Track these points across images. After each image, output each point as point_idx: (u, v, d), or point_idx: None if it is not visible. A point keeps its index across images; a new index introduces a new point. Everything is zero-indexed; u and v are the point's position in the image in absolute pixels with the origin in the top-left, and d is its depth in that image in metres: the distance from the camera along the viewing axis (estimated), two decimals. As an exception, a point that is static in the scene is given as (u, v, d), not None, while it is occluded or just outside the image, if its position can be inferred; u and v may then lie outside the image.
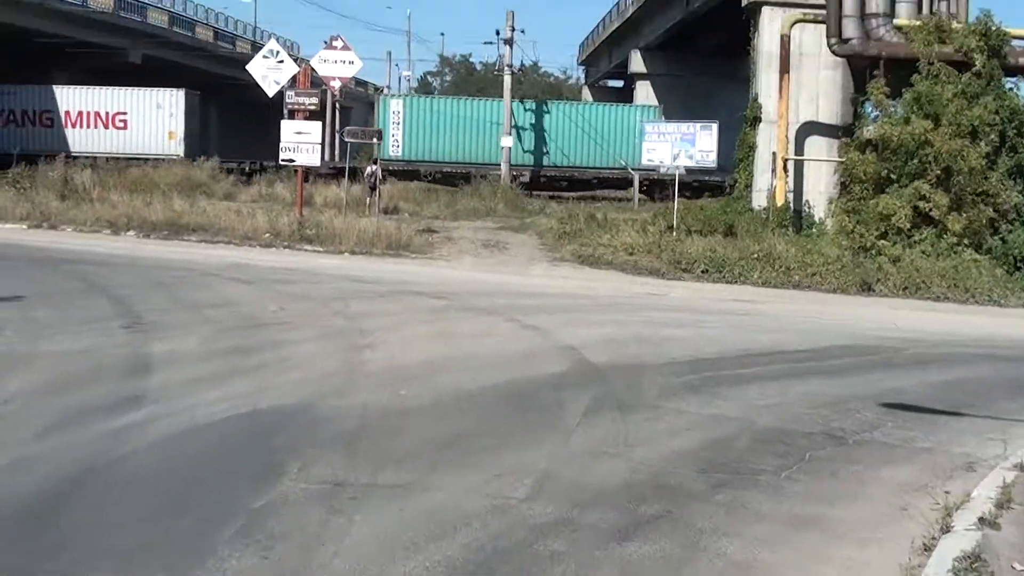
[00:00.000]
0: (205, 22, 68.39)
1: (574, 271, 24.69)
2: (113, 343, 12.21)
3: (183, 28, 64.20)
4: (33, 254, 21.83)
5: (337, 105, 59.62)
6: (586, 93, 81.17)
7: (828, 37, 30.38)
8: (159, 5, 63.12)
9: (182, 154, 47.57)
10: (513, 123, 46.19)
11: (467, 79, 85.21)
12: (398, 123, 47.74)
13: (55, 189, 31.63)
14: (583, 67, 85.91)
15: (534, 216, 35.66)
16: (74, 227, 28.21)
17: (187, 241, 26.73)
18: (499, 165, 44.95)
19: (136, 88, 50.77)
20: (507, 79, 46.80)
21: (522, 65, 50.08)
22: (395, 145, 46.77)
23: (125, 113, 50.12)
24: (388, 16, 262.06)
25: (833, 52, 30.56)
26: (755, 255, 25.13)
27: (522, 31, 48.13)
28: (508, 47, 47.09)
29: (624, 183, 47.23)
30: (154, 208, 29.24)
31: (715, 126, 29.36)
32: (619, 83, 75.31)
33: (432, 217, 34.35)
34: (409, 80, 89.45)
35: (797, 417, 10.20)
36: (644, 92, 58.64)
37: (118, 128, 49.97)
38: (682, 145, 28.84)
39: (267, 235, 26.92)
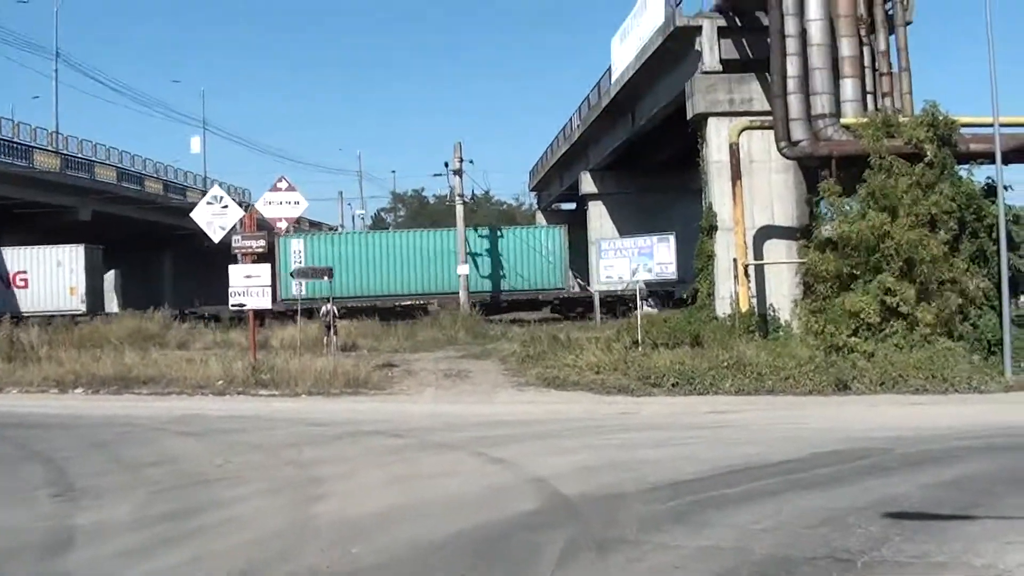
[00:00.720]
0: (155, 175, 67.98)
1: (540, 395, 23.57)
2: (36, 515, 10.91)
3: (132, 182, 63.58)
4: (-29, 422, 20.54)
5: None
6: (540, 218, 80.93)
7: (777, 141, 29.93)
8: (106, 161, 62.61)
9: (84, 309, 47.92)
10: (468, 251, 45.62)
11: (420, 212, 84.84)
12: (300, 262, 47.60)
13: (2, 351, 30.33)
14: (535, 193, 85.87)
15: (496, 342, 34.74)
16: (19, 388, 26.72)
17: (137, 394, 25.36)
18: (414, 295, 44.75)
19: (36, 247, 50.61)
20: (459, 208, 46.31)
21: (473, 195, 49.69)
22: (298, 284, 46.31)
23: (25, 272, 49.91)
24: (339, 158, 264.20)
25: (784, 155, 30.08)
26: (725, 364, 24.14)
27: (471, 161, 47.89)
28: (458, 178, 46.75)
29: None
30: (103, 363, 27.95)
31: (672, 237, 28.52)
32: (572, 205, 75.09)
33: (391, 351, 33.33)
34: (363, 218, 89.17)
35: (797, 539, 9.07)
36: (597, 212, 58.19)
37: (19, 287, 49.76)
38: (640, 259, 28.00)
39: (220, 382, 25.66)
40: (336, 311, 35.40)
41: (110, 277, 72.79)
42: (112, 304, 64.21)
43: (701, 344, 27.76)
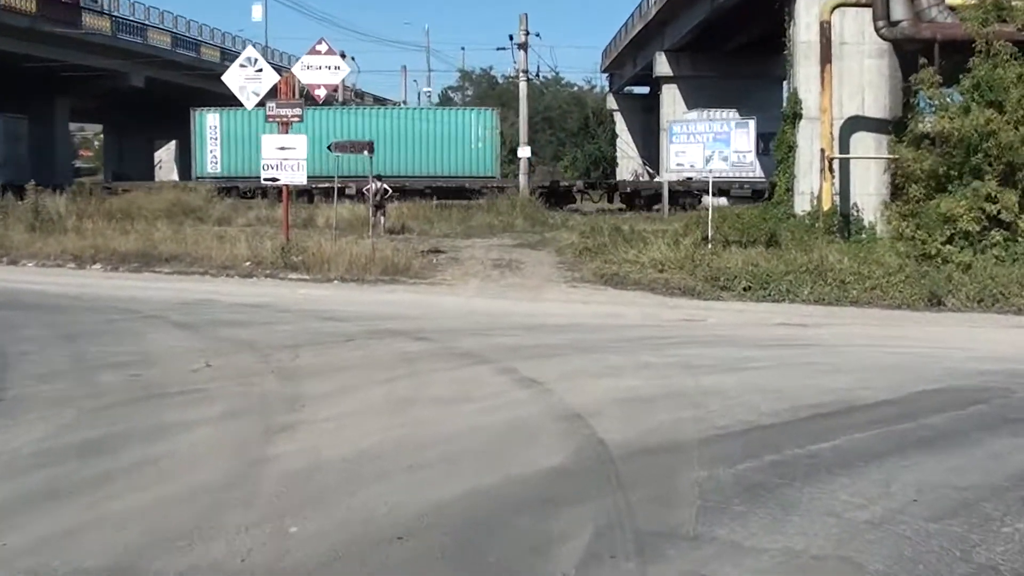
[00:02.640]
0: (211, 42, 65.23)
1: (595, 293, 20.91)
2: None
3: (187, 49, 60.94)
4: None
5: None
6: (611, 101, 77.53)
7: (875, 20, 26.70)
8: (160, 25, 59.98)
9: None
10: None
11: (488, 92, 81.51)
12: (215, 138, 44.98)
13: (26, 220, 28.16)
14: (607, 75, 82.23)
15: (556, 230, 31.98)
16: (36, 262, 24.70)
17: (158, 273, 23.14)
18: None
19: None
20: (523, 86, 43.24)
21: (538, 73, 46.38)
22: (213, 161, 44.45)
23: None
24: (406, 31, 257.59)
25: (881, 36, 26.86)
26: (803, 267, 21.32)
27: (537, 35, 44.67)
28: (523, 52, 43.41)
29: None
30: (127, 238, 25.73)
31: (752, 123, 25.44)
32: (645, 89, 71.66)
33: (443, 235, 30.82)
34: (429, 95, 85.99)
35: (922, 542, 6.30)
36: (671, 96, 54.87)
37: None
38: (715, 145, 24.92)
39: (247, 263, 23.34)
40: (387, 189, 32.86)
41: (170, 148, 71.00)
42: (172, 174, 62.40)
43: (778, 244, 24.96)
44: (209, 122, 45.35)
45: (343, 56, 62.76)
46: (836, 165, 27.69)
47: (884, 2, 26.57)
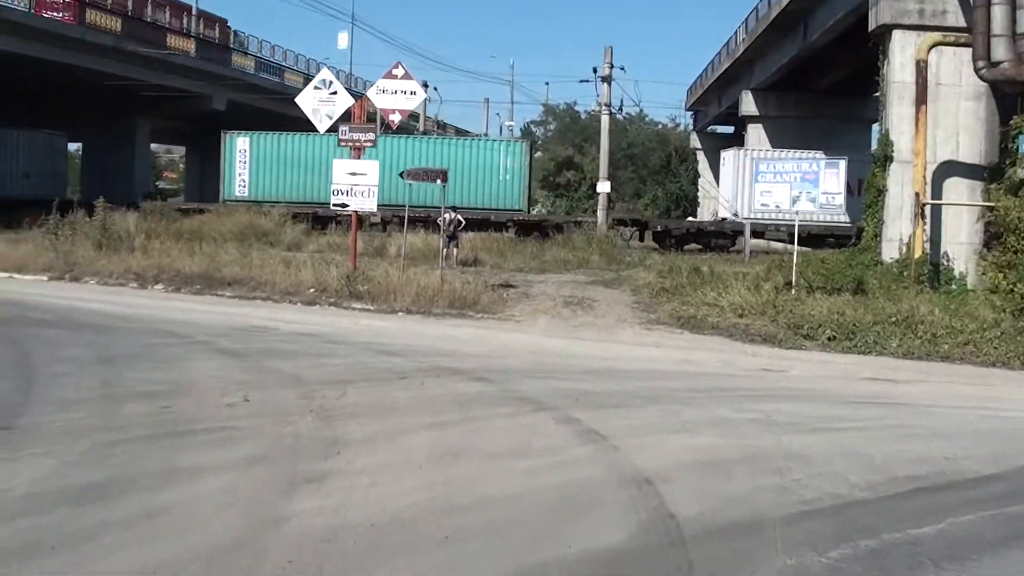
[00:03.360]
0: (295, 68, 64.97)
1: (671, 336, 19.71)
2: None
3: (270, 74, 60.75)
4: (9, 312, 17.64)
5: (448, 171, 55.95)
6: (694, 140, 76.31)
7: (975, 60, 25.39)
8: (243, 49, 59.93)
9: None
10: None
11: (571, 127, 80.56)
12: (244, 161, 43.95)
13: (94, 237, 27.59)
14: (691, 113, 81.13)
15: (632, 269, 30.82)
16: (99, 279, 24.05)
17: (219, 296, 22.33)
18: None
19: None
20: (604, 119, 42.15)
21: (621, 108, 45.26)
22: (241, 185, 43.55)
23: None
24: (491, 64, 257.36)
25: (980, 77, 25.53)
26: (892, 318, 19.97)
27: (622, 68, 43.29)
28: (606, 85, 42.32)
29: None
30: (192, 259, 25.04)
31: (842, 163, 24.07)
32: (729, 128, 70.49)
33: (515, 270, 29.78)
34: (511, 129, 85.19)
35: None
36: (756, 135, 53.65)
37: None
38: (803, 186, 23.60)
39: (311, 290, 22.45)
40: (460, 219, 31.96)
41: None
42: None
43: (864, 292, 23.61)
44: (239, 145, 44.42)
45: (425, 86, 62.76)
46: (928, 211, 26.36)
47: (985, 41, 25.27)
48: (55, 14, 47.13)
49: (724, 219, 40.70)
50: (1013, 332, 19.63)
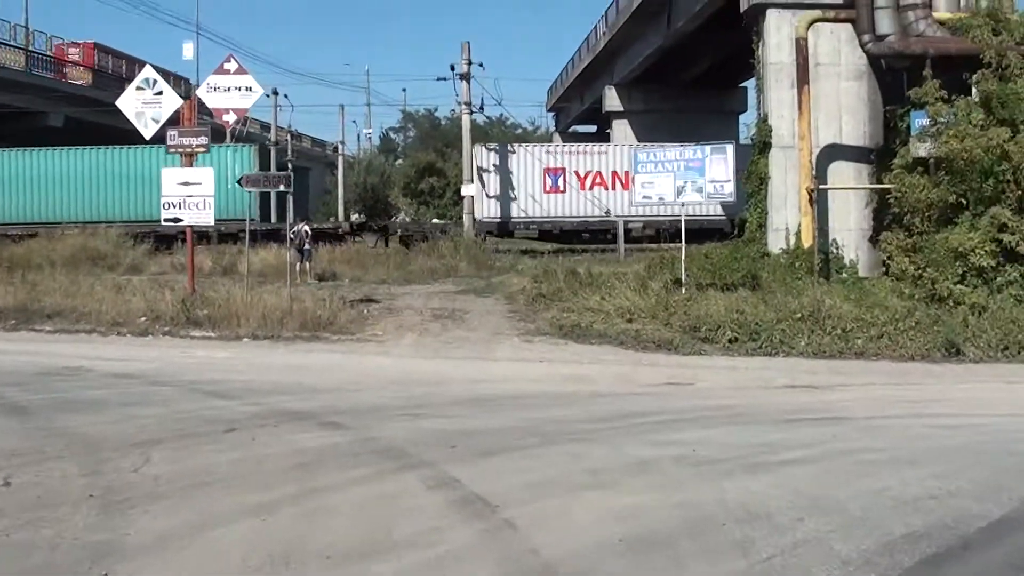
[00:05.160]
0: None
1: (555, 349, 17.13)
2: None
3: (109, 88, 56.37)
4: None
5: (290, 165, 52.59)
6: (557, 140, 74.23)
7: (860, 35, 23.70)
8: (78, 62, 55.93)
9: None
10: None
11: (431, 134, 77.90)
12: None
13: None
14: (552, 114, 79.03)
15: (503, 275, 28.22)
16: None
17: (37, 332, 19.11)
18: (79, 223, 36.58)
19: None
20: (465, 119, 39.55)
21: (482, 105, 42.62)
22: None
23: None
24: (345, 73, 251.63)
25: (867, 52, 23.87)
26: (798, 314, 17.74)
27: (480, 65, 40.49)
28: (465, 83, 39.60)
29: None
30: (5, 289, 21.74)
31: (730, 148, 21.59)
32: (592, 127, 68.51)
33: (378, 282, 26.92)
34: (370, 137, 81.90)
35: None
36: (622, 132, 51.59)
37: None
38: (688, 175, 21.16)
39: (143, 319, 19.38)
40: (309, 231, 29.10)
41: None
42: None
43: (759, 287, 21.41)
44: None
45: (275, 93, 59.49)
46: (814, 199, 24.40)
47: (869, 15, 23.49)
48: None
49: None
50: (928, 321, 17.69)
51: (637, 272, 23.48)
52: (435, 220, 51.57)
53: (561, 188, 39.89)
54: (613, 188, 39.75)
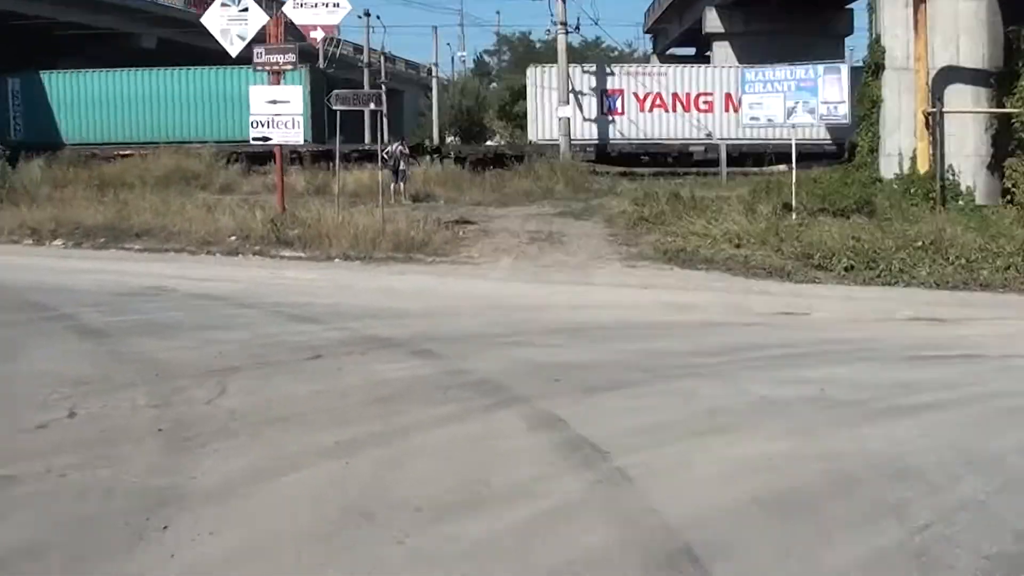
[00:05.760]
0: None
1: (658, 274, 16.14)
2: None
3: (201, 6, 55.77)
4: None
5: (383, 87, 51.45)
6: (655, 63, 72.28)
7: None
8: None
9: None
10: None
11: (525, 57, 76.31)
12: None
13: (-9, 188, 23.67)
14: (650, 36, 76.91)
15: (601, 197, 27.15)
16: (-16, 236, 20.32)
17: (126, 250, 18.67)
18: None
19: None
20: (561, 39, 38.04)
21: (578, 25, 40.96)
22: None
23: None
24: None
25: None
26: (918, 242, 16.52)
27: (575, -19, 39.09)
28: (561, 1, 38.20)
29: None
30: (97, 208, 21.24)
31: (844, 68, 20.29)
32: (690, 50, 66.47)
33: (473, 204, 26.05)
34: (464, 59, 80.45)
35: None
36: (723, 55, 49.75)
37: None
38: (799, 95, 19.84)
39: (233, 238, 18.78)
40: (406, 151, 28.24)
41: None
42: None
43: (872, 214, 20.18)
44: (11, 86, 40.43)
45: (367, 15, 58.35)
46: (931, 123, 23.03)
47: (992, -76, 21.87)
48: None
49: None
50: (1058, 252, 16.28)
51: (742, 196, 22.32)
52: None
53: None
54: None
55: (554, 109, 37.89)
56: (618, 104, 38.70)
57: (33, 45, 46.16)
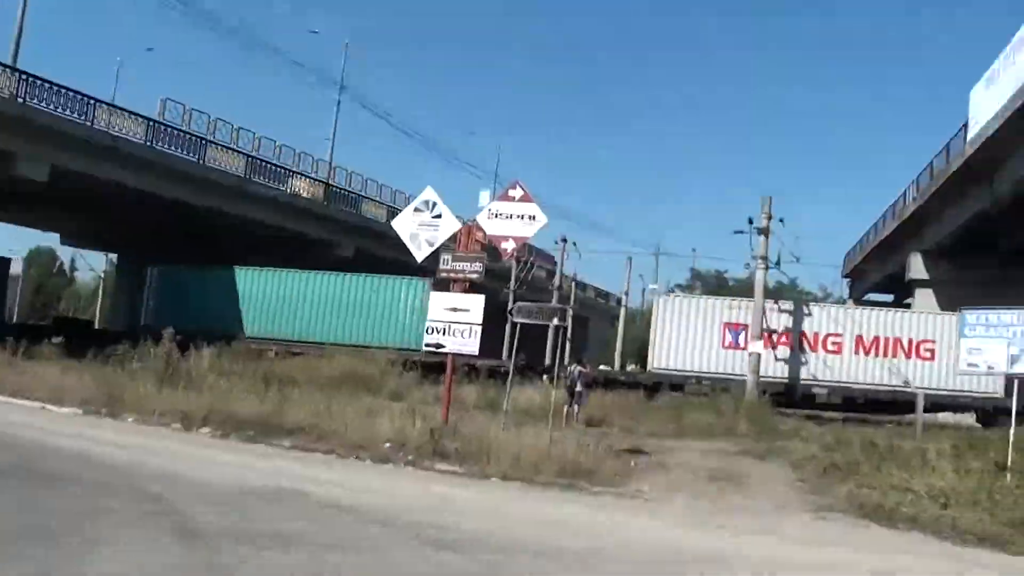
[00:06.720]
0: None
1: (854, 532, 13.88)
2: None
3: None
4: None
5: (569, 312, 50.74)
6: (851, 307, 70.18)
7: None
8: (374, 198, 57.05)
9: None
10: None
11: (718, 293, 75.15)
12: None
13: (157, 371, 23.07)
14: (847, 280, 74.87)
15: (787, 439, 25.06)
16: (138, 417, 19.46)
17: (273, 446, 17.40)
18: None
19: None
20: (759, 274, 36.77)
21: (778, 261, 39.42)
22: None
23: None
24: (638, 231, 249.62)
25: None
26: None
27: (781, 220, 37.74)
28: (763, 237, 36.96)
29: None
30: (250, 400, 20.32)
31: (1078, 310, 18.26)
32: (888, 296, 64.06)
33: (649, 434, 24.35)
34: (656, 292, 79.74)
35: None
36: (925, 301, 47.29)
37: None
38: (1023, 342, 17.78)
39: (387, 445, 17.39)
40: (587, 372, 26.88)
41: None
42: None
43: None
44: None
45: (564, 241, 58.22)
46: None
47: None
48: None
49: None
50: None
51: (943, 450, 19.94)
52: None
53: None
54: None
55: (679, 338, 37.95)
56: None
57: (234, 243, 47.58)
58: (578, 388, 26.43)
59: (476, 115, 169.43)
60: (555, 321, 20.20)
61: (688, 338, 38.11)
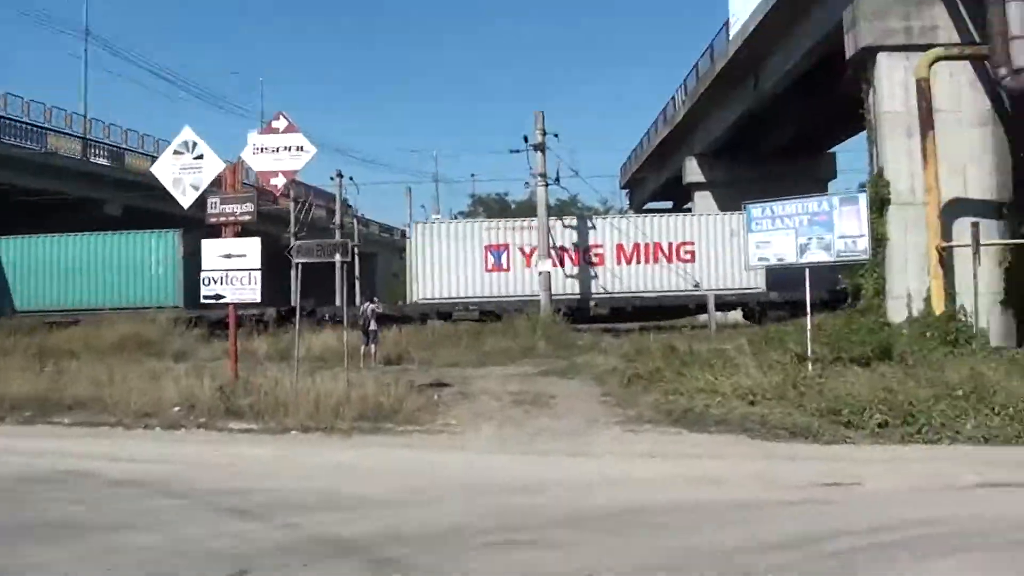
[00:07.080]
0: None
1: (667, 439, 13.71)
2: None
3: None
4: None
5: (351, 246, 49.70)
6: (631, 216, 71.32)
7: (995, 68, 20.97)
8: (138, 150, 54.60)
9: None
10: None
11: (501, 216, 75.27)
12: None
13: (-84, 359, 21.30)
14: (626, 191, 75.85)
15: (587, 353, 24.95)
16: (-101, 415, 17.85)
17: (54, 425, 16.12)
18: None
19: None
20: (540, 191, 36.35)
21: (557, 177, 39.06)
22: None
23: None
24: (412, 160, 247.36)
25: (1006, 88, 20.91)
26: (958, 391, 14.19)
27: (555, 135, 37.29)
28: (540, 154, 36.38)
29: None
30: (27, 377, 18.87)
31: (862, 198, 18.30)
32: (668, 203, 65.19)
33: (449, 364, 23.83)
34: (438, 221, 79.33)
35: None
36: (704, 204, 48.41)
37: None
38: (812, 230, 17.73)
39: (176, 409, 16.31)
40: (378, 309, 26.14)
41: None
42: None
43: (890, 360, 17.94)
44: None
45: (340, 175, 56.80)
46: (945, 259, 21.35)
47: (1004, 45, 20.34)
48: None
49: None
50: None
51: (742, 347, 20.03)
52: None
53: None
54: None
55: (441, 265, 37.44)
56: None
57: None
58: (372, 327, 25.63)
59: (240, 59, 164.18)
60: (338, 257, 19.24)
61: (450, 265, 37.43)
